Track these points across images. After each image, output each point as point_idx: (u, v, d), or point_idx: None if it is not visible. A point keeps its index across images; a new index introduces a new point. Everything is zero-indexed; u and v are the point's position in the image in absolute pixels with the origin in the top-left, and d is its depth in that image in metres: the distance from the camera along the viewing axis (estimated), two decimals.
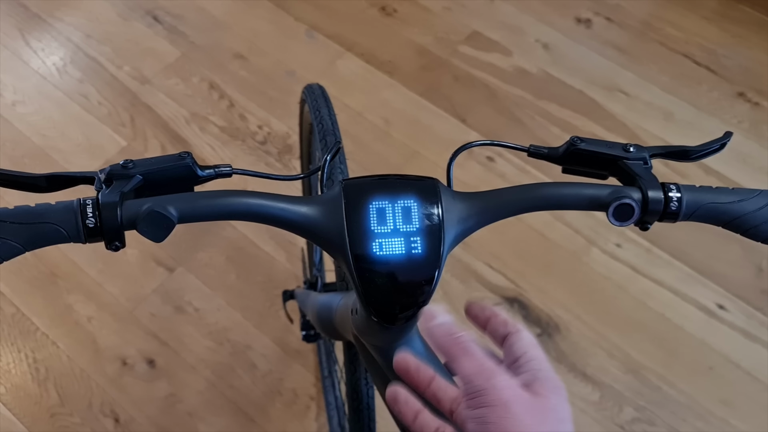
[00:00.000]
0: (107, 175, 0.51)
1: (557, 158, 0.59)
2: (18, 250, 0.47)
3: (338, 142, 0.60)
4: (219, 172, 0.55)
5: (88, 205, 0.48)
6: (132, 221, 0.49)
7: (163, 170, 0.52)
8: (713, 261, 1.59)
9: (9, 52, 1.91)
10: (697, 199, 0.55)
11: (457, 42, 1.94)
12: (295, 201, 0.54)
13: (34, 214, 0.47)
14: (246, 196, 0.52)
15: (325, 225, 0.53)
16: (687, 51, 1.93)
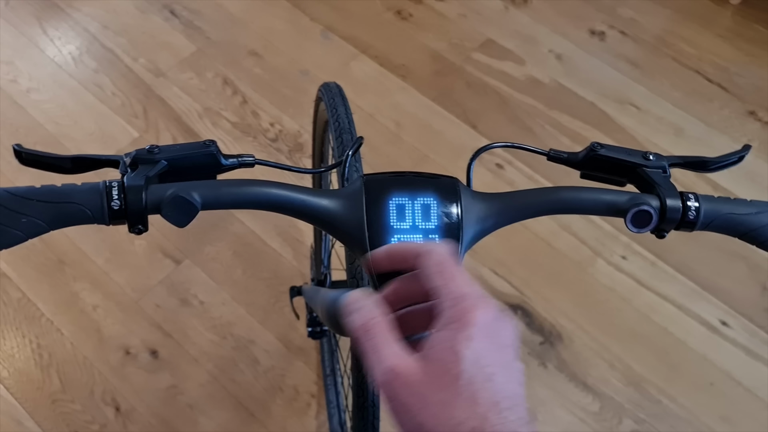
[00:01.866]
0: (133, 159, 0.51)
1: (576, 163, 0.60)
2: (42, 229, 0.47)
3: (360, 138, 0.60)
4: (242, 161, 0.56)
5: (113, 187, 0.49)
6: (156, 205, 0.49)
7: (187, 157, 0.53)
8: (718, 277, 1.59)
9: (26, 39, 1.92)
10: (714, 209, 0.56)
11: (470, 49, 1.95)
12: (316, 193, 0.54)
13: (60, 193, 0.48)
14: (269, 186, 0.53)
15: (345, 218, 0.54)
16: (700, 68, 1.94)
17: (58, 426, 1.39)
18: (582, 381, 1.47)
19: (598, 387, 1.46)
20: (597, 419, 1.43)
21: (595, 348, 1.50)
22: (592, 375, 1.48)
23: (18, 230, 0.47)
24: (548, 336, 1.52)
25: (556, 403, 1.44)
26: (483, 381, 0.38)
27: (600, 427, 1.42)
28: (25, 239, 0.47)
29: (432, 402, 0.38)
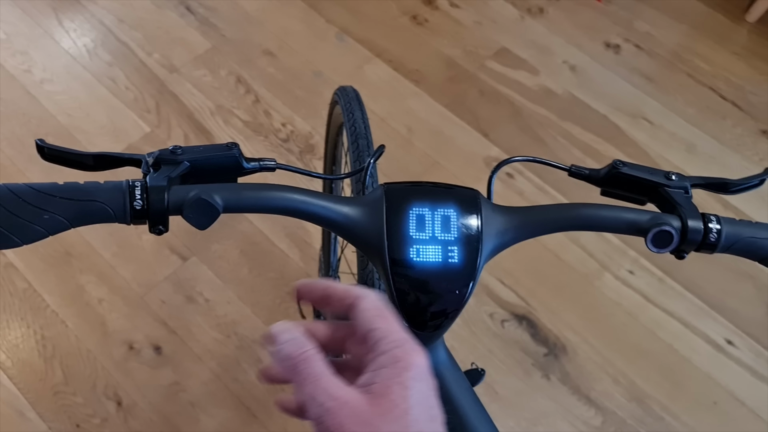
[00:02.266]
0: (155, 159, 0.51)
1: (598, 180, 0.60)
2: (65, 226, 0.47)
3: (382, 146, 0.60)
4: (263, 165, 0.55)
5: (136, 187, 0.48)
6: (178, 207, 0.49)
7: (210, 159, 0.53)
8: (725, 296, 1.59)
9: (42, 30, 1.92)
10: (736, 233, 0.55)
11: (485, 57, 1.95)
12: (337, 200, 0.54)
13: (84, 191, 0.48)
14: (290, 192, 0.52)
15: (364, 226, 0.53)
16: (714, 85, 1.93)
17: (60, 418, 1.39)
18: (585, 395, 1.46)
19: (601, 401, 1.46)
20: None
21: (599, 362, 1.50)
22: (595, 389, 1.47)
23: (40, 226, 0.46)
24: (552, 348, 1.51)
25: (559, 416, 1.44)
26: (427, 420, 0.40)
27: None
28: (47, 236, 0.47)
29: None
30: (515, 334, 1.53)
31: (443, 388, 0.62)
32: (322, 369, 0.41)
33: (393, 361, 0.41)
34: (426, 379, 0.42)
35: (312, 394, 0.40)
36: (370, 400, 0.40)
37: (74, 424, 1.38)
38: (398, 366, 0.41)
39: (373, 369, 0.41)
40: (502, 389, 1.46)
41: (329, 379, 0.40)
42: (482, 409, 0.62)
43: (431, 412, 0.41)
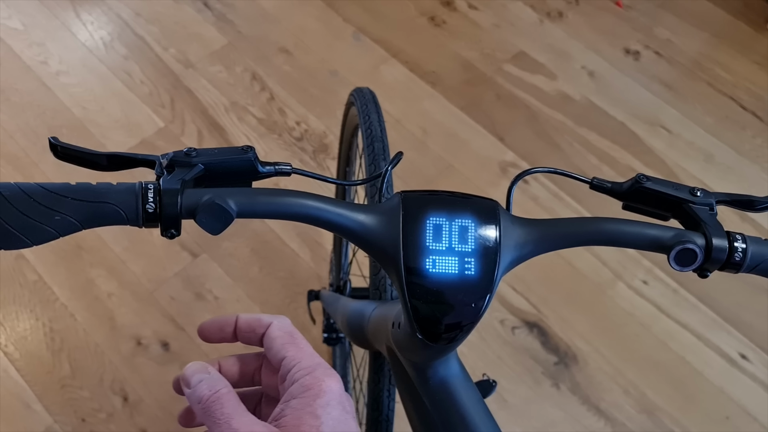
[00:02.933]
0: (169, 161, 0.50)
1: (620, 194, 0.58)
2: (76, 227, 0.46)
3: (400, 153, 0.59)
4: (279, 170, 0.54)
5: (149, 190, 0.47)
6: (191, 211, 0.48)
7: (225, 162, 0.51)
8: (740, 309, 1.56)
9: (59, 22, 1.92)
10: (762, 252, 0.54)
11: (502, 60, 1.93)
12: (352, 208, 0.53)
13: (96, 192, 0.47)
14: (306, 198, 0.51)
15: (380, 235, 0.52)
16: (734, 94, 1.91)
17: (66, 411, 1.39)
18: (595, 405, 1.45)
19: (611, 412, 1.44)
20: None
21: (610, 372, 1.48)
22: (605, 399, 1.45)
23: (51, 227, 0.46)
24: (563, 357, 1.50)
25: (567, 426, 1.42)
26: None
27: None
28: (57, 237, 0.46)
29: None
30: (526, 341, 1.51)
31: (455, 401, 0.60)
32: (234, 409, 0.40)
33: (303, 390, 0.41)
34: (340, 404, 0.41)
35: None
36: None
37: (80, 418, 1.38)
38: (309, 395, 0.41)
39: (284, 400, 0.41)
40: (510, 397, 1.44)
41: (240, 419, 0.40)
42: (494, 424, 0.61)
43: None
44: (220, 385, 0.42)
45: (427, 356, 0.58)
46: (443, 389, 0.60)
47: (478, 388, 0.73)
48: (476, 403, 0.61)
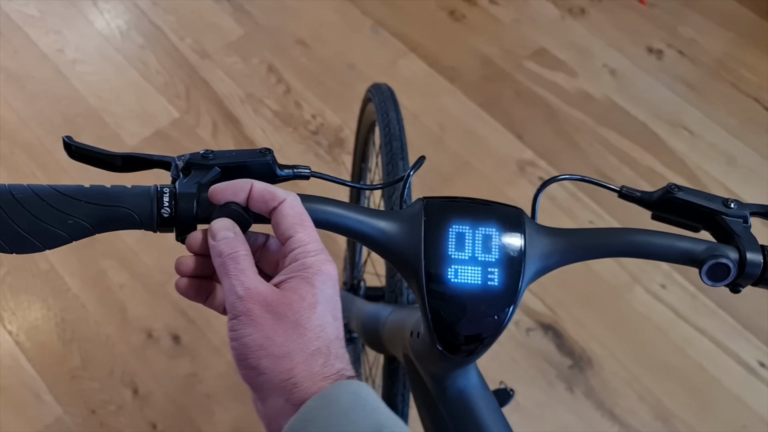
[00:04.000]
0: (186, 163, 0.49)
1: (650, 204, 0.56)
2: (89, 232, 0.45)
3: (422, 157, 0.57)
4: (297, 173, 0.53)
5: (165, 194, 0.46)
6: (207, 215, 0.47)
7: (242, 165, 0.50)
8: (760, 317, 1.53)
9: (76, 10, 1.91)
10: None
11: (523, 56, 1.90)
12: (373, 214, 0.51)
13: (110, 196, 0.45)
14: (325, 204, 0.50)
15: (401, 243, 0.51)
16: (759, 96, 1.87)
17: (75, 402, 1.38)
18: (609, 410, 1.43)
19: (625, 418, 1.42)
20: None
21: (625, 377, 1.46)
22: (620, 405, 1.43)
23: (64, 231, 0.44)
24: (578, 360, 1.47)
25: (581, 431, 1.40)
26: (332, 318, 0.45)
27: None
28: (70, 241, 0.45)
29: (287, 321, 0.43)
30: (540, 343, 1.49)
31: (473, 413, 0.59)
32: (246, 267, 0.45)
33: (304, 267, 0.45)
34: (334, 286, 0.46)
35: (231, 286, 0.44)
36: (280, 293, 0.44)
37: (90, 409, 1.38)
38: (309, 271, 0.45)
39: (285, 272, 0.46)
40: (524, 400, 1.42)
41: (249, 276, 0.45)
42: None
43: (336, 314, 0.46)
44: (240, 246, 0.46)
45: (446, 368, 0.57)
46: (461, 400, 0.58)
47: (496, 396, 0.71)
48: (495, 415, 0.59)
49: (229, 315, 0.44)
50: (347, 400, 0.41)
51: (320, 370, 0.43)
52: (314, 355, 0.43)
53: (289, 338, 0.43)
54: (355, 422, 0.40)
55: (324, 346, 0.44)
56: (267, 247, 0.50)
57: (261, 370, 0.43)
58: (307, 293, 0.44)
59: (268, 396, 0.43)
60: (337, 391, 0.42)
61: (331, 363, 0.44)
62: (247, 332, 0.43)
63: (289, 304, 0.44)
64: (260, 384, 0.44)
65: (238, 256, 0.45)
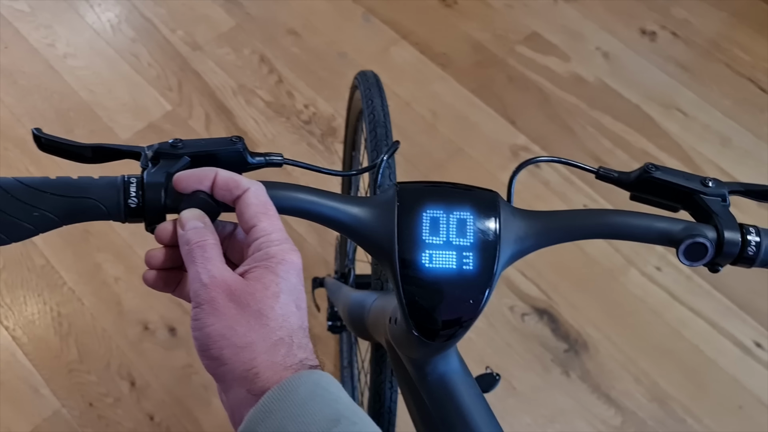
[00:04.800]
0: (155, 152, 0.49)
1: (628, 184, 0.56)
2: (55, 223, 0.45)
3: (396, 142, 0.57)
4: (269, 160, 0.52)
5: (132, 183, 0.46)
6: (176, 204, 0.47)
7: (212, 153, 0.50)
8: (755, 297, 1.53)
9: (66, 4, 1.91)
10: None
11: (515, 41, 1.89)
12: (346, 200, 0.51)
13: (76, 187, 0.45)
14: (295, 191, 0.50)
15: (374, 229, 0.50)
16: (753, 76, 1.86)
17: (73, 396, 1.39)
18: (605, 393, 1.43)
19: (622, 401, 1.42)
20: None
21: (621, 360, 1.46)
22: (616, 388, 1.43)
23: (29, 224, 0.44)
24: (573, 344, 1.48)
25: (577, 414, 1.40)
26: (295, 308, 0.45)
27: None
28: (36, 234, 0.45)
29: (249, 310, 0.43)
30: (535, 328, 1.49)
31: (454, 398, 0.59)
32: (213, 256, 0.45)
33: (268, 257, 0.45)
34: (298, 276, 0.46)
35: (196, 273, 0.44)
36: (244, 282, 0.44)
37: (87, 402, 1.38)
38: (272, 260, 0.45)
39: (249, 262, 0.46)
40: (519, 384, 1.42)
41: (215, 263, 0.45)
42: (494, 421, 0.59)
43: (299, 303, 0.46)
44: (208, 236, 0.46)
45: (425, 353, 0.57)
46: (442, 386, 0.58)
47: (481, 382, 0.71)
48: (476, 400, 0.59)
49: (193, 303, 0.44)
50: (307, 390, 0.41)
51: (282, 360, 0.43)
52: (276, 345, 0.43)
53: (252, 328, 0.43)
54: (313, 412, 0.40)
55: (287, 336, 0.44)
56: (234, 237, 0.50)
57: (223, 360, 0.43)
58: (270, 282, 0.44)
59: (230, 386, 0.43)
60: (297, 381, 0.42)
61: (293, 353, 0.44)
62: (210, 322, 0.43)
63: (253, 293, 0.44)
64: (222, 374, 0.43)
65: (205, 244, 0.45)
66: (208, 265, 0.44)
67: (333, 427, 0.40)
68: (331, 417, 0.40)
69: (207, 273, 0.44)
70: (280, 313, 0.44)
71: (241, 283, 0.44)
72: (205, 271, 0.44)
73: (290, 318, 0.44)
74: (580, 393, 1.43)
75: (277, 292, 0.44)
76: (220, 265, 0.45)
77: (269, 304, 0.44)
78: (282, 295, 0.44)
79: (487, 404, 0.60)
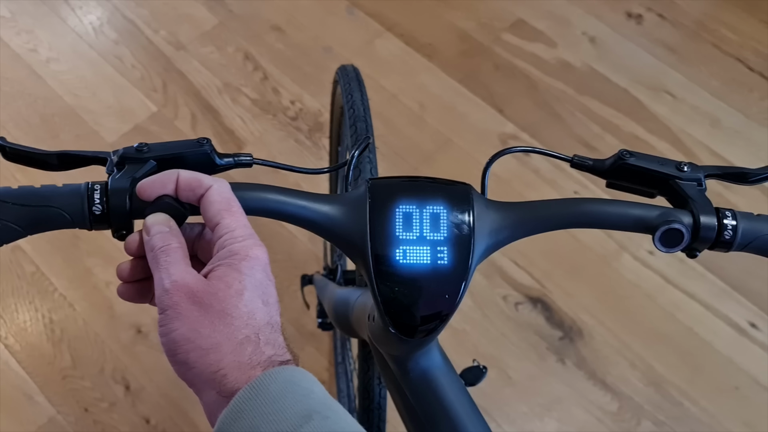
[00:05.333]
0: (120, 157, 0.48)
1: (603, 172, 0.55)
2: (18, 234, 0.44)
3: (367, 138, 0.56)
4: (239, 161, 0.52)
5: (96, 190, 0.45)
6: (142, 210, 0.46)
7: (179, 156, 0.49)
8: (749, 277, 1.53)
9: (47, 8, 1.89)
10: (754, 229, 0.51)
11: (500, 29, 1.88)
12: (316, 199, 0.50)
13: (39, 196, 0.45)
14: (264, 191, 0.49)
15: (346, 226, 0.50)
16: (741, 55, 1.85)
17: (68, 402, 1.38)
18: (601, 379, 1.43)
19: (618, 386, 1.42)
20: (615, 419, 1.39)
21: (616, 346, 1.46)
22: (611, 374, 1.43)
23: None
24: (568, 331, 1.47)
25: (573, 402, 1.40)
26: (261, 304, 0.44)
27: (617, 428, 1.38)
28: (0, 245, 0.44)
29: (212, 311, 0.43)
30: (529, 317, 1.49)
31: (437, 394, 0.58)
32: (177, 260, 0.45)
33: (231, 254, 0.45)
34: (264, 271, 0.45)
35: (159, 279, 0.44)
36: (206, 282, 0.44)
37: (82, 408, 1.38)
38: (236, 258, 0.44)
39: (213, 261, 0.45)
40: (515, 374, 1.42)
41: (177, 267, 0.44)
42: (478, 414, 0.59)
43: (267, 298, 0.45)
44: (172, 240, 0.45)
45: (405, 350, 0.56)
46: (424, 382, 0.58)
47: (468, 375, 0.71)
48: (459, 394, 0.58)
49: (158, 310, 0.44)
50: (277, 387, 0.41)
51: (249, 359, 0.42)
52: (243, 344, 0.43)
53: (216, 329, 0.42)
54: (284, 409, 0.40)
55: (253, 334, 0.43)
56: (203, 237, 0.49)
57: (190, 364, 0.42)
58: (233, 280, 0.43)
59: (202, 390, 0.43)
60: (268, 379, 0.41)
61: (260, 350, 0.43)
62: (174, 326, 0.43)
63: (215, 293, 0.43)
64: (192, 378, 0.43)
65: (169, 249, 0.45)
66: (170, 269, 0.44)
67: (305, 423, 0.39)
68: (303, 413, 0.40)
69: (169, 278, 0.44)
70: (244, 311, 0.43)
71: (203, 284, 0.43)
72: (167, 275, 0.44)
73: (256, 315, 0.44)
74: (576, 380, 1.43)
75: (241, 290, 0.43)
76: (183, 268, 0.44)
77: (233, 302, 0.43)
78: (246, 293, 0.43)
79: (471, 398, 0.59)
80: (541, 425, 1.38)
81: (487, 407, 1.36)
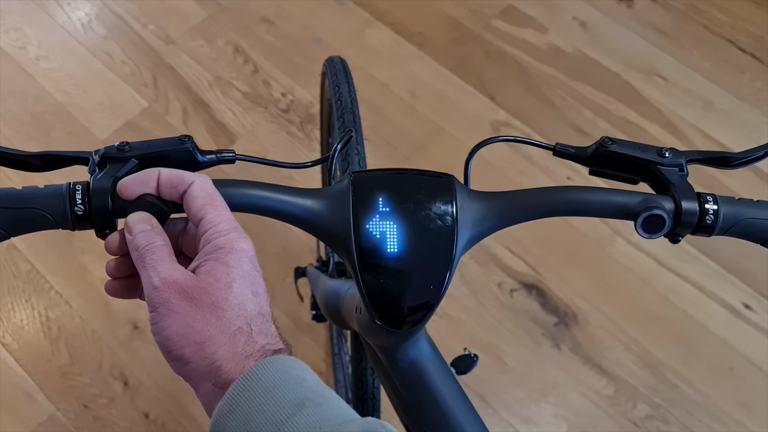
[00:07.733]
0: (101, 157, 0.48)
1: (585, 159, 0.56)
2: (1, 237, 0.45)
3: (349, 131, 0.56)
4: (221, 158, 0.52)
5: (77, 191, 0.45)
6: (124, 209, 0.46)
7: (160, 154, 0.49)
8: (743, 258, 1.53)
9: (35, 5, 1.88)
10: (735, 213, 0.51)
11: (491, 16, 1.87)
12: (299, 193, 0.50)
13: (20, 198, 0.45)
14: (246, 187, 0.49)
15: (329, 220, 0.50)
16: (732, 36, 1.85)
17: (67, 399, 1.39)
18: (596, 364, 1.43)
19: (613, 370, 1.43)
20: (611, 403, 1.40)
21: (611, 330, 1.46)
22: (607, 357, 1.44)
23: None
24: (563, 317, 1.48)
25: (569, 386, 1.41)
26: (251, 294, 0.45)
27: (614, 411, 1.39)
28: None
29: (203, 305, 0.43)
30: (524, 303, 1.49)
31: (426, 384, 0.59)
32: (162, 257, 0.45)
33: (216, 248, 0.45)
34: (251, 262, 0.46)
35: (148, 277, 0.44)
36: (195, 277, 0.44)
37: (81, 404, 1.39)
38: (221, 251, 0.45)
39: (199, 256, 0.46)
40: (511, 360, 1.43)
41: (165, 265, 0.44)
42: (467, 403, 0.59)
43: (255, 289, 0.46)
44: (156, 238, 0.46)
45: (392, 341, 0.56)
46: (413, 372, 0.58)
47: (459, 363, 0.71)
48: (449, 383, 0.59)
49: (149, 308, 0.44)
50: (270, 377, 0.41)
51: (242, 349, 0.43)
52: (236, 335, 0.43)
53: (209, 322, 0.43)
54: (277, 399, 0.40)
55: (245, 325, 0.44)
56: (186, 232, 0.50)
57: (186, 359, 0.43)
58: (221, 274, 0.44)
59: (198, 383, 0.44)
60: (261, 370, 0.42)
61: (253, 340, 0.44)
62: (167, 323, 0.43)
63: (204, 287, 0.44)
64: (188, 373, 0.44)
65: (153, 247, 0.45)
66: (158, 267, 0.44)
67: (298, 411, 0.40)
68: (296, 401, 0.41)
69: (157, 276, 0.44)
70: (235, 302, 0.44)
71: (192, 280, 0.44)
72: (155, 273, 0.44)
73: (247, 306, 0.44)
74: (572, 365, 1.43)
75: (230, 282, 0.44)
76: (170, 265, 0.45)
77: (223, 295, 0.44)
78: (235, 285, 0.44)
79: (460, 386, 0.60)
80: (538, 410, 1.39)
81: (483, 394, 1.37)
